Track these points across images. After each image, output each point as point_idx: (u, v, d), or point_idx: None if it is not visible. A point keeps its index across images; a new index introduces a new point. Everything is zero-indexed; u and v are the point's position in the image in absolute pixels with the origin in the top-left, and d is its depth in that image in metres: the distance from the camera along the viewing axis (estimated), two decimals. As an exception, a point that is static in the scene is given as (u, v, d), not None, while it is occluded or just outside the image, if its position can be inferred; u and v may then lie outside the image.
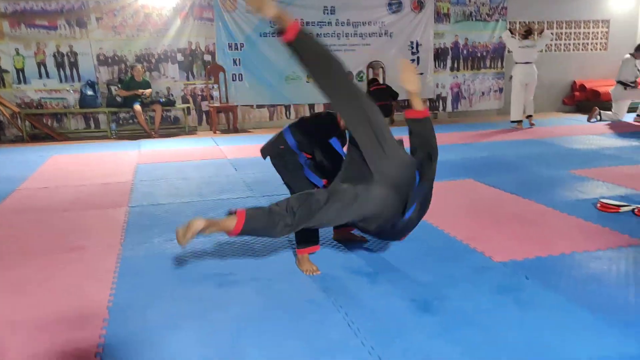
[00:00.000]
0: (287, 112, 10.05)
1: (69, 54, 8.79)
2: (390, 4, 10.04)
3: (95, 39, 8.87)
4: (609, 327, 2.31)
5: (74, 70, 8.84)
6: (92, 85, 8.76)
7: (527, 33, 9.04)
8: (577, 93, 11.35)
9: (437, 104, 10.75)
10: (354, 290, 2.77)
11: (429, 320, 2.44)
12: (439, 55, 10.54)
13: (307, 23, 9.69)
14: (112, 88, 8.78)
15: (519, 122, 9.06)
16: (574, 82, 11.42)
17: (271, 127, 9.69)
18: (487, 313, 2.48)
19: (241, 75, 9.56)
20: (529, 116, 9.14)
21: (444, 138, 7.92)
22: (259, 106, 9.88)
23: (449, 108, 10.81)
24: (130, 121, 9.24)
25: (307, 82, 9.78)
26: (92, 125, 9.13)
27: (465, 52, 10.67)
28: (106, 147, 7.94)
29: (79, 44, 8.81)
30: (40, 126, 8.65)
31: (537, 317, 2.43)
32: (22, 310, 2.61)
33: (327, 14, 9.78)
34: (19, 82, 8.60)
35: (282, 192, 4.86)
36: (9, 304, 2.68)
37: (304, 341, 2.27)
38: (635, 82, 9.03)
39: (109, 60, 9.02)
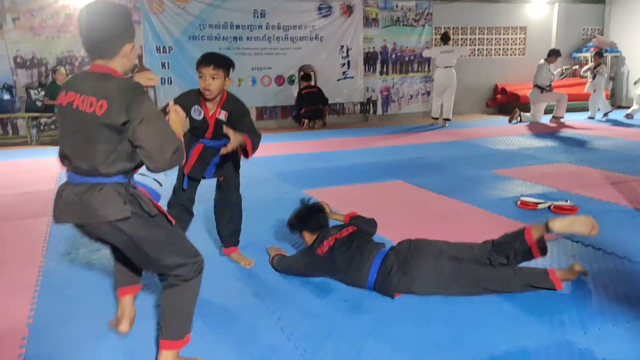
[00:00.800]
0: (219, 116, 9.93)
1: (-17, 55, 8.27)
2: (320, 8, 10.15)
3: (11, 40, 8.40)
4: (526, 317, 2.45)
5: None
6: (9, 89, 8.29)
7: (445, 39, 9.56)
8: (499, 96, 11.93)
9: (367, 107, 10.97)
10: (287, 293, 2.78)
11: (360, 319, 2.48)
12: (369, 59, 10.77)
13: (237, 26, 9.62)
14: (32, 92, 8.33)
15: (436, 118, 9.91)
16: (496, 85, 12.01)
17: (203, 132, 9.54)
18: (416, 310, 2.56)
19: (170, 78, 9.36)
20: (445, 119, 9.80)
21: (373, 141, 8.12)
22: (190, 110, 9.70)
23: (379, 111, 11.06)
24: (53, 126, 8.82)
25: (238, 85, 9.71)
26: (10, 131, 8.64)
27: (393, 56, 10.96)
28: (26, 154, 7.53)
29: (-6, 46, 8.32)
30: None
31: (462, 312, 2.53)
32: None
33: (258, 17, 9.75)
34: None
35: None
36: None
37: (237, 347, 2.26)
38: (550, 85, 9.61)
39: (28, 62, 8.58)
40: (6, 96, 8.24)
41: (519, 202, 4.30)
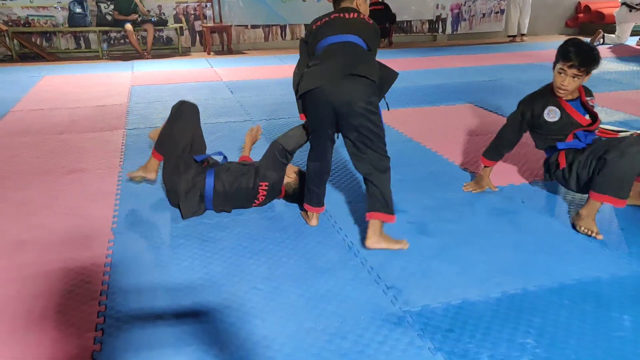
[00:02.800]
0: (283, 33, 9.78)
1: (55, -32, 8.37)
2: None
3: (81, -48, 8.42)
4: (601, 249, 2.39)
5: (61, -14, 8.46)
6: (80, 2, 8.41)
7: None
8: (580, 15, 11.05)
9: (436, 25, 10.46)
10: (353, 213, 2.82)
11: (426, 241, 2.50)
12: (441, -26, 10.14)
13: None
14: (102, 6, 8.44)
15: (514, 37, 9.86)
16: (579, 3, 11.09)
17: (266, 49, 9.47)
18: (483, 235, 2.55)
19: (236, -7, 9.20)
20: (522, 34, 9.88)
21: (442, 61, 7.80)
22: (254, 26, 9.60)
23: (448, 30, 10.53)
24: (122, 41, 8.98)
25: (303, 1, 9.45)
26: (83, 45, 8.87)
27: (468, -30, 10.26)
28: (98, 68, 7.75)
29: (65, -42, 8.38)
30: (30, 45, 8.39)
31: (532, 239, 2.50)
32: (29, 230, 2.65)
33: None
34: (4, -1, 8.25)
35: (280, 115, 4.83)
36: (15, 225, 2.72)
37: (305, 260, 2.34)
38: (641, 4, 8.77)
39: (97, -25, 8.62)
40: (78, 9, 8.38)
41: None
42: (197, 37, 9.42)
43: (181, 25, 9.12)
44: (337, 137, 2.56)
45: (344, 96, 2.27)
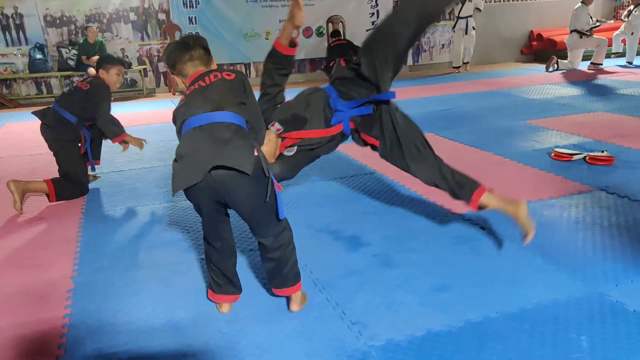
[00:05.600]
0: (248, 71, 9.89)
1: (14, 15, 8.37)
2: (347, -44, 9.84)
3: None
4: (557, 272, 2.45)
5: (21, 33, 8.46)
6: (40, 48, 8.40)
7: None
8: (534, 42, 11.51)
9: (398, 57, 10.74)
10: (318, 247, 2.83)
11: (390, 273, 2.52)
12: (399, 8, 10.47)
13: (264, -23, 9.43)
14: (63, 51, 8.43)
15: (458, 67, 10.32)
16: (532, 31, 11.56)
17: (232, 87, 9.55)
18: (445, 263, 2.59)
19: (198, 33, 9.29)
20: (465, 63, 10.33)
21: (404, 92, 7.98)
22: (218, 64, 9.67)
23: (409, 61, 10.82)
24: (85, 85, 8.95)
25: (266, 39, 9.61)
26: (45, 90, 8.80)
27: (424, 4, 10.62)
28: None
29: (24, 5, 8.40)
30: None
31: (492, 265, 2.54)
32: (-16, 284, 2.58)
33: (284, -33, 9.53)
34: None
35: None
36: (-31, 280, 2.64)
37: (272, 300, 2.33)
38: (591, 30, 9.18)
39: (57, 21, 8.64)
40: (39, 55, 8.36)
41: (553, 154, 4.21)
42: (162, 78, 9.46)
43: (145, 67, 9.15)
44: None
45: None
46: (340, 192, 3.68)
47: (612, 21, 10.76)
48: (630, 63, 9.65)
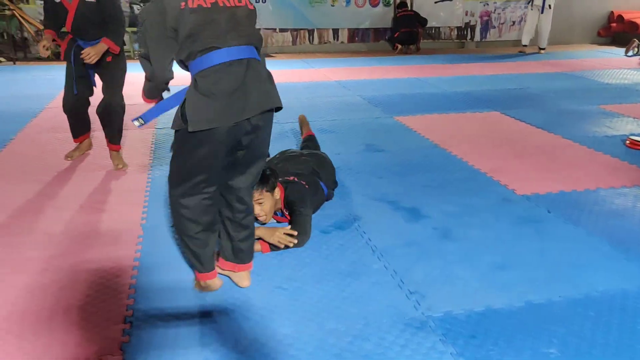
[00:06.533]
0: (311, 37, 9.83)
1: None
2: None
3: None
4: (627, 261, 2.36)
5: (96, -12, 8.65)
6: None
7: None
8: (613, 24, 10.85)
9: (464, 32, 10.39)
10: (377, 217, 2.83)
11: (449, 247, 2.50)
12: (471, -20, 10.09)
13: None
14: (135, 7, 8.62)
15: (524, 47, 9.59)
16: (612, 12, 10.90)
17: (294, 52, 9.53)
18: (507, 243, 2.54)
19: (265, -4, 9.29)
20: (541, 48, 9.56)
21: (470, 68, 7.75)
22: (282, 30, 9.66)
23: (477, 37, 10.46)
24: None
25: (332, 5, 9.49)
26: (115, 45, 9.05)
27: (498, -23, 10.18)
28: (131, 67, 7.88)
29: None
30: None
31: (557, 248, 2.48)
32: (59, 224, 2.73)
33: None
34: (41, -1, 8.47)
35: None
36: (46, 218, 2.80)
37: (329, 262, 2.36)
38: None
39: (131, -23, 8.80)
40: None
41: (627, 141, 4.01)
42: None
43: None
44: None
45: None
46: (399, 164, 3.65)
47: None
48: None
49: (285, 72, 7.53)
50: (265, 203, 2.55)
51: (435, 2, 9.97)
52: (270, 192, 2.56)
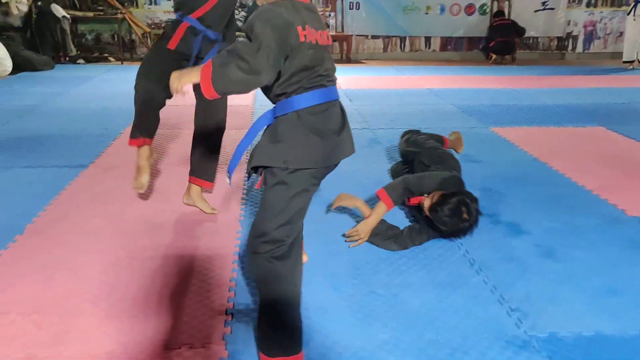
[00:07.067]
0: (402, 45, 9.78)
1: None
2: None
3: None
4: None
5: (199, -7, 9.09)
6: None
7: None
8: None
9: (566, 43, 9.92)
10: (475, 229, 2.75)
11: (553, 266, 2.39)
12: (575, -12, 9.62)
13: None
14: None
15: (630, 62, 8.57)
16: None
17: (384, 59, 9.52)
18: (618, 266, 2.39)
19: (358, 3, 9.37)
20: None
21: (571, 80, 7.39)
22: (374, 37, 9.69)
23: (578, 48, 9.95)
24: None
25: (425, 13, 9.40)
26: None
27: (606, -15, 9.65)
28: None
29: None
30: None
31: (675, 276, 2.30)
32: (166, 214, 2.89)
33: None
34: (150, 3, 9.04)
35: (398, 125, 4.84)
36: (153, 208, 2.97)
37: (426, 272, 2.33)
38: None
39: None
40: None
41: None
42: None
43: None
44: None
45: None
46: (496, 176, 3.53)
47: None
48: None
49: (376, 78, 7.54)
50: None
51: (535, 11, 9.60)
52: None
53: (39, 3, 7.80)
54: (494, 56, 9.22)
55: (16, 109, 5.26)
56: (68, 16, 8.11)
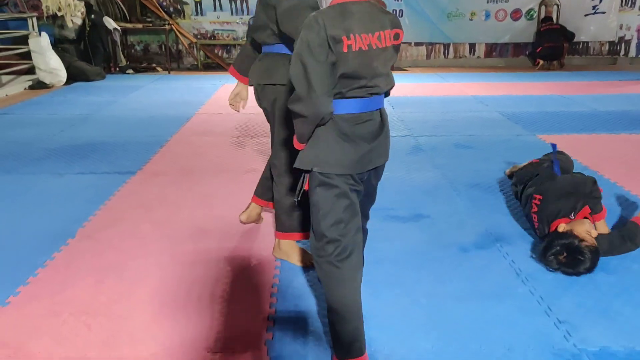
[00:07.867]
0: (446, 51, 9.66)
1: (241, -13, 9.21)
2: None
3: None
4: None
5: (244, 3, 9.26)
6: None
7: None
8: None
9: (618, 47, 9.58)
10: (520, 238, 2.69)
11: (606, 278, 2.30)
12: (629, -10, 9.29)
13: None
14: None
15: None
16: None
17: (427, 66, 9.43)
18: (674, 280, 2.28)
19: (402, 11, 9.31)
20: None
21: (624, 86, 7.13)
22: (417, 44, 9.62)
23: (631, 53, 9.58)
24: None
25: (470, 20, 9.27)
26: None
27: (662, -13, 9.27)
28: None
29: (250, -22, 9.18)
30: (213, 56, 9.32)
31: None
32: (211, 220, 2.94)
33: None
34: (197, 14, 9.26)
35: (441, 132, 4.78)
36: (199, 214, 3.03)
37: (469, 282, 2.28)
38: None
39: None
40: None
41: None
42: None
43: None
44: None
45: None
46: (545, 185, 3.43)
47: None
48: None
49: (419, 85, 7.47)
50: None
51: (585, 15, 9.31)
52: None
53: (92, 16, 8.12)
54: (541, 62, 8.98)
55: (70, 117, 5.48)
56: (119, 28, 8.40)
